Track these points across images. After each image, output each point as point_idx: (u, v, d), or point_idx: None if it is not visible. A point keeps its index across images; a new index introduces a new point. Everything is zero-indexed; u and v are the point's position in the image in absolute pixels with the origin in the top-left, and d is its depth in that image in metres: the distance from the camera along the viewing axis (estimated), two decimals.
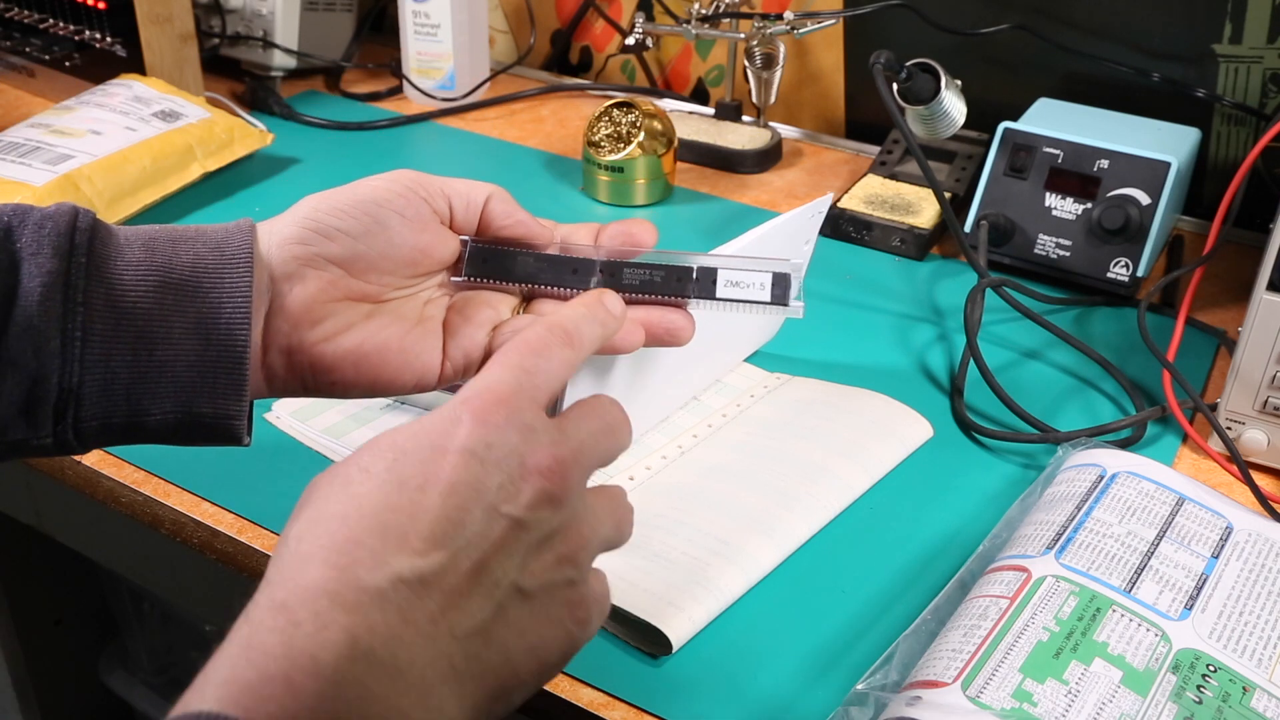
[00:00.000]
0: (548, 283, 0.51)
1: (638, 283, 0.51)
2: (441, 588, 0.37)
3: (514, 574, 0.39)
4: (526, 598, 0.39)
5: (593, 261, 0.51)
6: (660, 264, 0.51)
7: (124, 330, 0.44)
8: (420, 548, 0.37)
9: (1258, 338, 0.66)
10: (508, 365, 0.43)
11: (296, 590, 0.35)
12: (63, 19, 1.10)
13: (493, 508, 0.38)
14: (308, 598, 0.35)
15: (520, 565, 0.39)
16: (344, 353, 0.49)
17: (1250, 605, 0.52)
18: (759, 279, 0.51)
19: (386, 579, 0.36)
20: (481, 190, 0.52)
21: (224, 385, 0.46)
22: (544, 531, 0.40)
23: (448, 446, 0.39)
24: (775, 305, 0.51)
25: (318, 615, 0.35)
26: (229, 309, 0.45)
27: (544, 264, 0.52)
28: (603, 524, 0.43)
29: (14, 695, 1.10)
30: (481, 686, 0.38)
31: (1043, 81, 1.03)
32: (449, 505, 0.38)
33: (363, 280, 0.49)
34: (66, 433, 0.45)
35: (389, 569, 0.36)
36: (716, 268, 0.51)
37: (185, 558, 0.63)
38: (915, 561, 0.61)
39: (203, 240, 0.47)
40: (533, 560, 0.39)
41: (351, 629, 0.35)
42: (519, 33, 1.31)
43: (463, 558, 0.37)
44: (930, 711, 0.47)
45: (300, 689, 0.33)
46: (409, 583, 0.36)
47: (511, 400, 0.41)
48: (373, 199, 0.50)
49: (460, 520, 0.38)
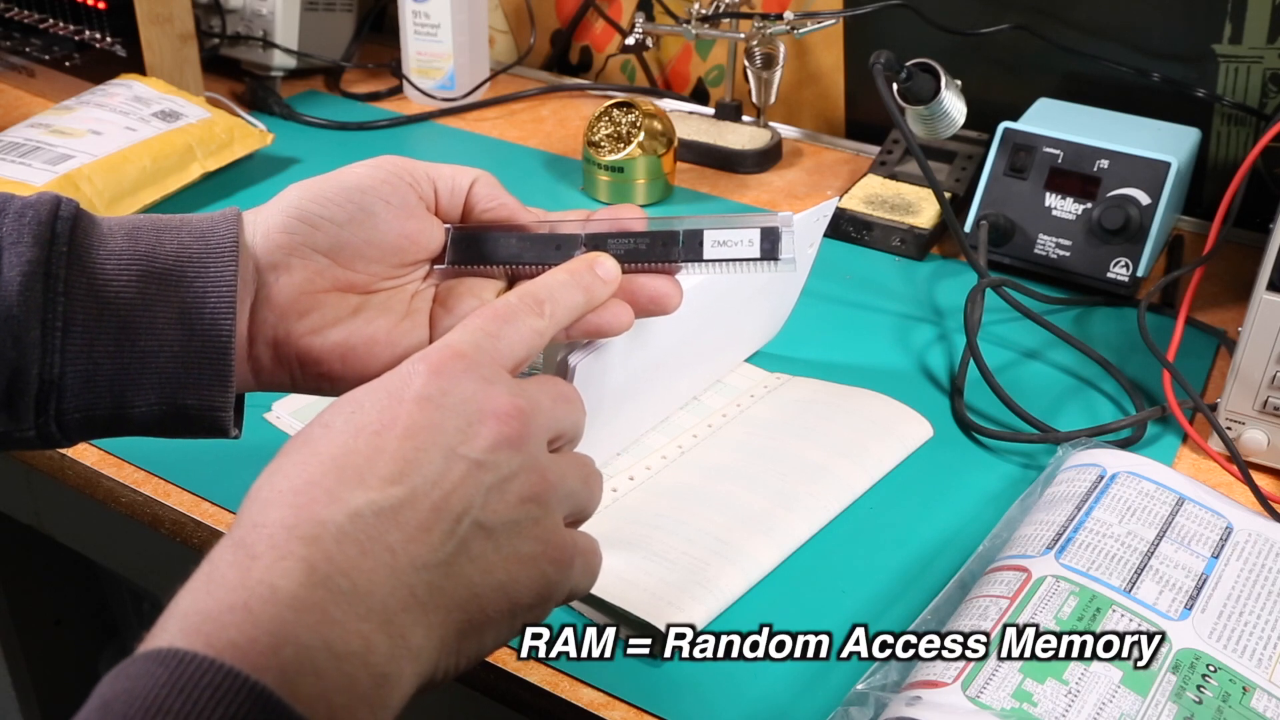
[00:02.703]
0: (531, 261, 0.50)
1: (623, 252, 0.50)
2: (398, 521, 0.37)
3: (475, 512, 0.39)
4: (489, 534, 0.40)
5: (576, 236, 0.51)
6: (646, 231, 0.50)
7: (106, 320, 0.44)
8: (378, 485, 0.38)
9: (1258, 338, 0.66)
10: (470, 328, 0.44)
11: (254, 528, 0.36)
12: (63, 19, 1.10)
13: (451, 449, 0.39)
14: (265, 534, 0.36)
15: (481, 503, 0.39)
16: (331, 345, 0.48)
17: (1250, 605, 0.52)
18: (747, 235, 0.50)
19: (344, 513, 0.37)
20: (466, 175, 0.52)
21: (209, 376, 0.45)
22: (502, 473, 0.40)
23: (404, 395, 0.40)
24: (765, 260, 0.50)
25: (275, 548, 0.35)
26: (213, 299, 0.45)
27: (527, 243, 0.51)
28: (568, 476, 0.43)
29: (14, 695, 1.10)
30: (448, 619, 0.38)
31: (1043, 81, 1.03)
32: (406, 447, 0.39)
33: (350, 269, 0.49)
34: (49, 425, 0.44)
35: (346, 504, 0.37)
36: (702, 229, 0.50)
37: (185, 558, 0.63)
38: (915, 561, 0.61)
39: (187, 229, 0.46)
40: (493, 498, 0.40)
41: (309, 558, 0.35)
42: (519, 33, 1.31)
43: (421, 495, 0.38)
44: (930, 711, 0.47)
45: (259, 615, 0.34)
46: (365, 516, 0.37)
47: (469, 355, 0.42)
48: (358, 186, 0.49)
49: (418, 460, 0.38)
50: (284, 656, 0.33)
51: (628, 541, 0.58)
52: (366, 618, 0.35)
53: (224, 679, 0.32)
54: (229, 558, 0.35)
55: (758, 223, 0.50)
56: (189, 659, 0.32)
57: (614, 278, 0.49)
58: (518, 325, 0.44)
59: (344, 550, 0.36)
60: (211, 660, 0.32)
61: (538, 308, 0.46)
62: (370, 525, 0.37)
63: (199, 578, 0.35)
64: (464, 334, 0.43)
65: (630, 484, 0.64)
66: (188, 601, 0.34)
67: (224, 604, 0.34)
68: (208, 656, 0.32)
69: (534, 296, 0.46)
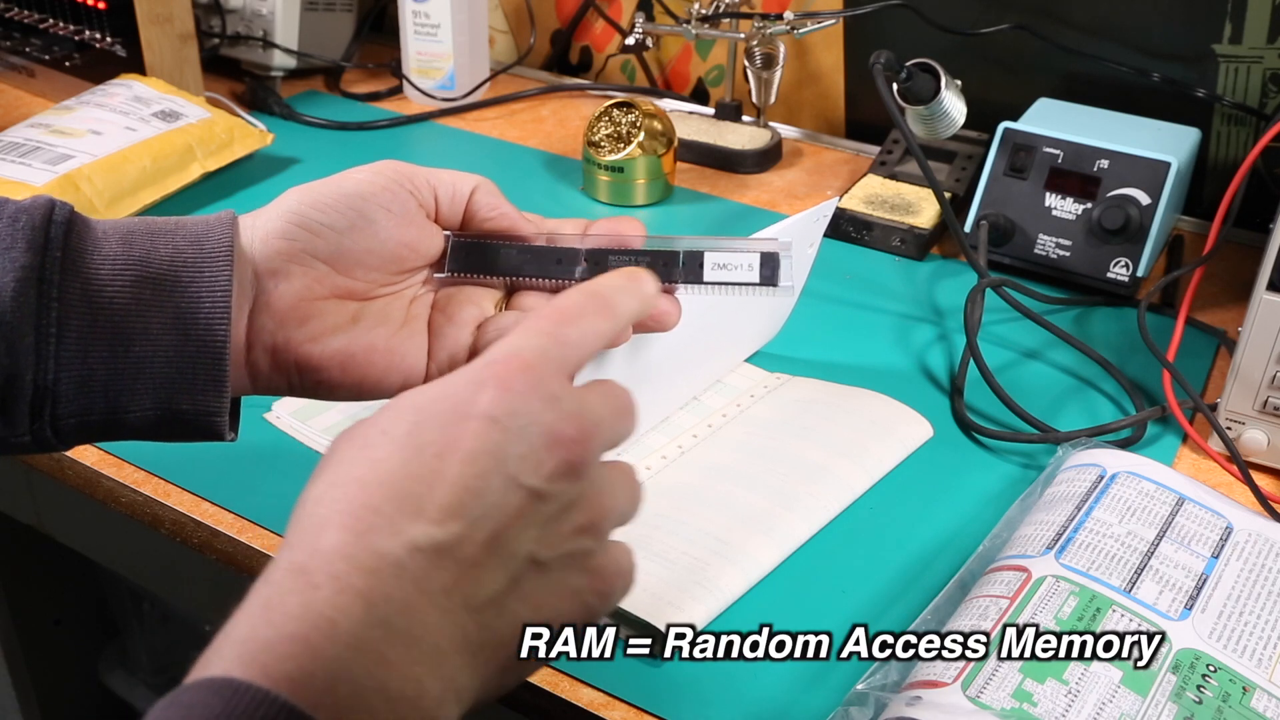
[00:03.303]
0: (532, 274, 0.50)
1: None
2: (456, 558, 0.36)
3: (530, 545, 0.38)
4: (542, 569, 0.39)
5: (577, 250, 0.50)
6: (646, 250, 0.50)
7: (100, 326, 0.44)
8: (437, 517, 0.36)
9: (1258, 338, 0.66)
10: (538, 331, 0.42)
11: (314, 554, 0.35)
12: (63, 19, 1.10)
13: (512, 478, 0.38)
14: (325, 561, 0.35)
15: (537, 537, 0.38)
16: (331, 353, 0.48)
17: (1250, 605, 0.52)
18: (747, 260, 0.50)
19: (403, 547, 0.36)
20: (467, 181, 0.52)
21: (203, 381, 0.45)
22: (562, 503, 0.39)
23: (469, 412, 0.38)
24: (764, 286, 0.50)
25: (335, 579, 0.34)
26: (208, 304, 0.45)
27: (528, 255, 0.51)
28: (618, 497, 0.42)
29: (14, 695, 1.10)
30: (493, 658, 0.38)
31: (1043, 81, 1.03)
32: (467, 474, 0.37)
33: (349, 277, 0.49)
34: (44, 430, 0.44)
35: (405, 537, 0.36)
36: (703, 251, 0.50)
37: (185, 558, 0.63)
38: (915, 561, 0.61)
39: (182, 233, 0.46)
40: (549, 532, 0.39)
41: (368, 595, 0.34)
42: (519, 33, 1.31)
43: (478, 528, 0.37)
44: (930, 711, 0.47)
45: (318, 650, 0.33)
46: (425, 552, 0.36)
47: (537, 367, 0.40)
48: (358, 193, 0.49)
49: (478, 489, 0.37)
50: (339, 695, 0.33)
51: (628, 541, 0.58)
52: (420, 660, 0.35)
53: (279, 712, 0.31)
54: (288, 583, 0.35)
55: (757, 247, 0.50)
56: (244, 690, 0.31)
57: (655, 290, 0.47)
58: (583, 328, 0.42)
59: (402, 588, 0.35)
60: (267, 692, 0.31)
61: (604, 309, 0.44)
62: (427, 562, 0.36)
63: (255, 602, 0.34)
64: (530, 340, 0.41)
65: None
66: (246, 628, 0.34)
67: (284, 634, 0.33)
68: (263, 688, 0.31)
69: (601, 297, 0.44)
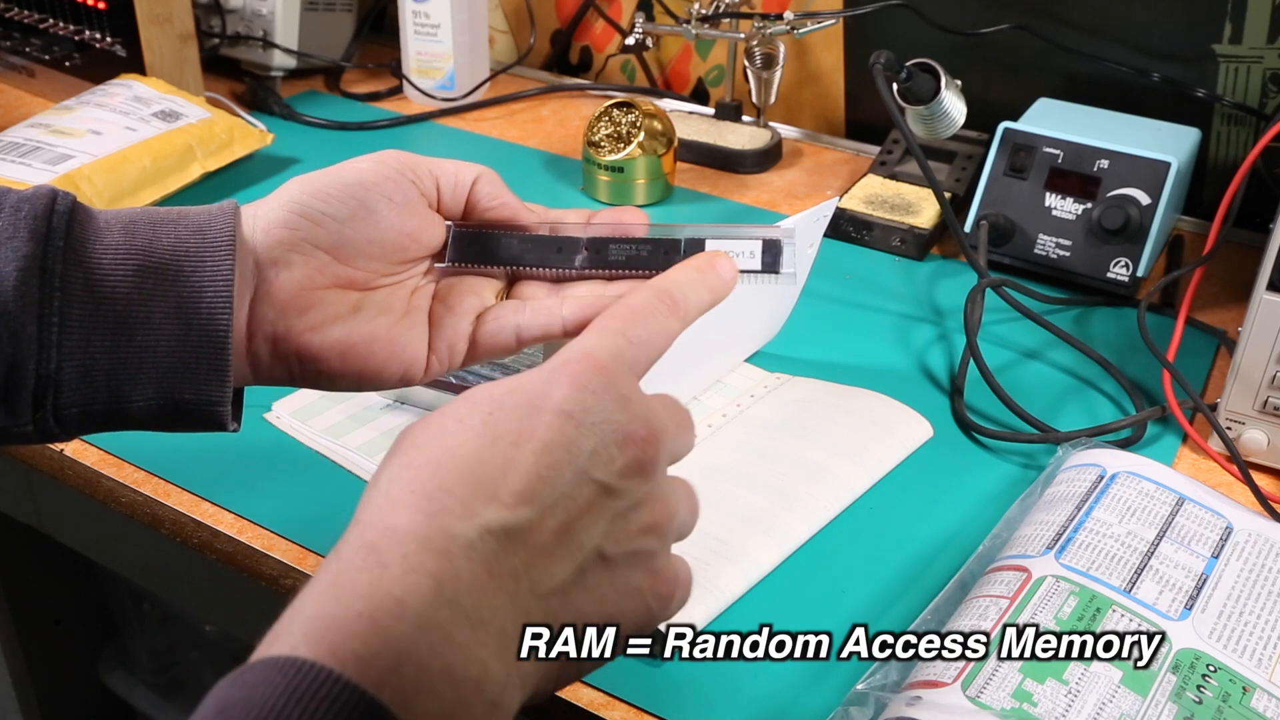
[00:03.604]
0: (533, 263, 0.50)
1: (624, 258, 0.50)
2: (527, 543, 0.37)
3: (598, 539, 0.39)
4: (608, 564, 0.39)
5: (578, 239, 0.50)
6: (648, 239, 0.50)
7: (103, 315, 0.44)
8: (510, 502, 0.37)
9: (1258, 338, 0.66)
10: (610, 330, 0.42)
11: (386, 533, 0.35)
12: (63, 19, 1.10)
13: (584, 471, 0.38)
14: (396, 541, 0.35)
15: (605, 531, 0.39)
16: (331, 343, 0.48)
17: (1250, 605, 0.52)
18: (749, 247, 0.50)
19: (475, 529, 0.36)
20: (469, 171, 0.52)
21: (206, 371, 0.45)
22: (630, 500, 0.40)
23: (544, 406, 0.39)
24: (766, 273, 0.50)
25: (405, 559, 0.35)
26: (210, 294, 0.45)
27: (528, 244, 0.51)
28: (681, 505, 0.42)
29: (14, 695, 1.10)
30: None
31: (1043, 81, 1.03)
32: (541, 464, 0.38)
33: (350, 266, 0.49)
34: (47, 420, 0.44)
35: (478, 520, 0.36)
36: (704, 238, 0.50)
37: (185, 558, 0.63)
38: (915, 561, 0.61)
39: (184, 223, 0.46)
40: (617, 527, 0.39)
41: (438, 575, 0.35)
42: (519, 33, 1.31)
43: (550, 516, 0.37)
44: (930, 711, 0.47)
45: (385, 629, 0.33)
46: (496, 535, 0.36)
47: (610, 367, 0.41)
48: (360, 182, 0.49)
49: (551, 479, 0.38)
50: (404, 675, 0.33)
51: None
52: (486, 643, 0.35)
53: (342, 691, 0.31)
54: (358, 561, 0.35)
55: (759, 234, 0.50)
56: (308, 669, 0.31)
57: (733, 276, 0.48)
58: (653, 328, 0.43)
59: (472, 569, 0.35)
60: (331, 671, 0.31)
61: (675, 309, 0.44)
62: (498, 545, 0.36)
63: (324, 578, 0.35)
64: (603, 339, 0.42)
65: None
66: (314, 606, 0.34)
67: (352, 612, 0.33)
68: (328, 667, 0.32)
69: (670, 295, 0.45)
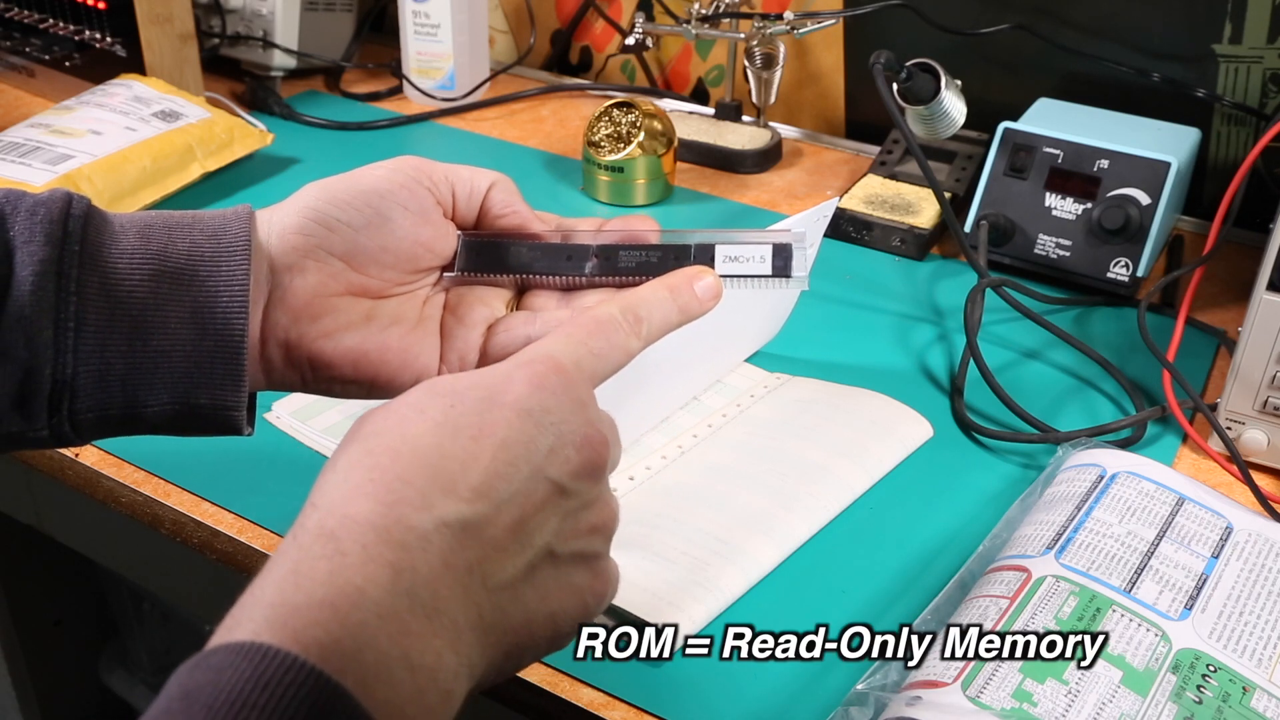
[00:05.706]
0: (542, 271, 0.50)
1: (634, 265, 0.50)
2: (480, 538, 0.38)
3: (549, 536, 0.40)
4: (556, 562, 0.40)
5: (587, 246, 0.50)
6: (658, 245, 0.50)
7: (119, 320, 0.44)
8: (467, 496, 0.37)
9: (1258, 338, 0.66)
10: (574, 340, 0.43)
11: (344, 521, 0.36)
12: (63, 19, 1.10)
13: (539, 469, 0.39)
14: (355, 530, 0.36)
15: (556, 529, 0.40)
16: (344, 351, 0.48)
17: (1250, 605, 0.52)
18: (759, 251, 0.50)
19: (431, 521, 0.37)
20: (484, 178, 0.52)
21: (221, 375, 0.45)
22: (581, 501, 0.41)
23: (504, 402, 0.40)
24: (777, 278, 0.50)
25: (364, 549, 0.35)
26: (225, 298, 0.45)
27: (538, 253, 0.51)
28: (618, 509, 0.44)
29: (14, 695, 1.10)
30: (501, 641, 0.38)
31: (1043, 81, 1.03)
32: (499, 460, 0.38)
33: (364, 274, 0.49)
34: (62, 425, 0.44)
35: (435, 512, 0.37)
36: (714, 244, 0.50)
37: (185, 558, 0.63)
38: (915, 561, 0.61)
39: (200, 227, 0.46)
40: (567, 526, 0.40)
41: (396, 565, 0.35)
42: (519, 33, 1.31)
43: (504, 512, 0.38)
44: (930, 711, 0.47)
45: (345, 617, 0.34)
46: (452, 528, 0.37)
47: (570, 372, 0.42)
48: (376, 190, 0.49)
49: (508, 475, 0.38)
50: (365, 661, 0.33)
51: (628, 541, 0.58)
52: (440, 633, 0.36)
53: (308, 677, 0.32)
54: (317, 549, 0.35)
55: (769, 238, 0.50)
56: (273, 654, 0.32)
57: (714, 295, 0.48)
58: (614, 342, 0.44)
59: (429, 561, 0.36)
60: (295, 657, 0.32)
61: (637, 327, 0.45)
62: (454, 539, 0.37)
63: (284, 565, 0.35)
64: (566, 345, 0.43)
65: (630, 484, 0.64)
66: (275, 592, 0.34)
67: (313, 599, 0.34)
68: (292, 653, 0.32)
69: (635, 314, 0.45)
